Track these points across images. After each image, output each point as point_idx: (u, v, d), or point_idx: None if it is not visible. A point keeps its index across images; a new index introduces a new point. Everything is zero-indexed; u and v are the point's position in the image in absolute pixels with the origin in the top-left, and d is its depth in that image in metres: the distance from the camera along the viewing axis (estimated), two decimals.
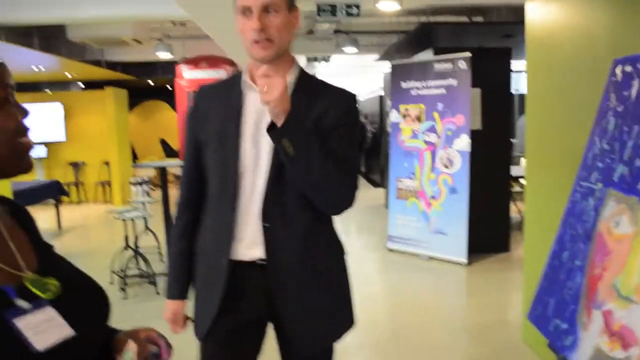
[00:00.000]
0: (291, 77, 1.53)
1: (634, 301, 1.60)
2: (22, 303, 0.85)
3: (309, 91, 1.53)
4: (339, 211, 1.52)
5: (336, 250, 1.63)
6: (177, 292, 1.65)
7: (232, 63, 8.08)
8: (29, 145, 0.94)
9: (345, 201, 1.49)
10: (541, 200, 3.36)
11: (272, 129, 1.39)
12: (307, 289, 1.53)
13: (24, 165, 0.94)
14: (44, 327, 0.84)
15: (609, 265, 1.79)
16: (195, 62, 8.08)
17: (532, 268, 3.32)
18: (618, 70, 2.14)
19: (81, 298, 0.96)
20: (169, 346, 1.05)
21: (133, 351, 0.95)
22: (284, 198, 1.48)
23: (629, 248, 1.71)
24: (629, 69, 2.06)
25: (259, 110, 1.49)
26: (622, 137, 1.96)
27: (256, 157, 1.49)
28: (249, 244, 1.50)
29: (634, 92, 1.97)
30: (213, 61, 8.06)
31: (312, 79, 1.60)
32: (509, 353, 3.42)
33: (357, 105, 1.60)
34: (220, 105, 1.57)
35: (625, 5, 2.56)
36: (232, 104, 1.54)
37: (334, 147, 1.46)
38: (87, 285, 1.01)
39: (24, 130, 0.93)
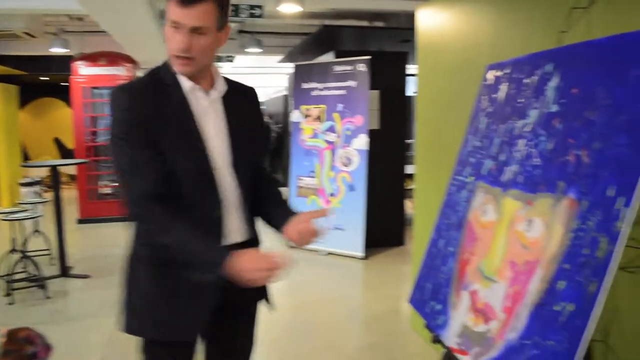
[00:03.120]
0: (221, 87, 1.62)
1: (495, 281, 1.78)
2: None
3: (238, 92, 1.68)
4: None
5: None
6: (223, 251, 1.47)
7: (131, 60, 7.86)
8: None
9: None
10: (427, 195, 3.59)
11: None
12: None
13: None
14: None
15: (476, 250, 1.98)
16: (92, 58, 7.79)
17: (419, 259, 3.53)
18: (490, 75, 2.36)
19: None
20: (47, 346, 1.04)
21: (3, 336, 0.96)
22: (242, 190, 1.65)
23: (493, 234, 1.90)
24: (498, 73, 2.28)
25: (206, 107, 1.58)
26: (490, 135, 2.17)
27: (221, 153, 1.59)
28: (231, 232, 1.63)
29: (501, 94, 2.19)
30: (112, 58, 7.81)
31: (231, 81, 1.69)
32: (399, 339, 3.63)
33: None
34: (163, 106, 1.50)
35: (500, 15, 2.80)
36: (179, 105, 1.52)
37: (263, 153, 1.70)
38: None
39: None
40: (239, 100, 1.67)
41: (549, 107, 1.77)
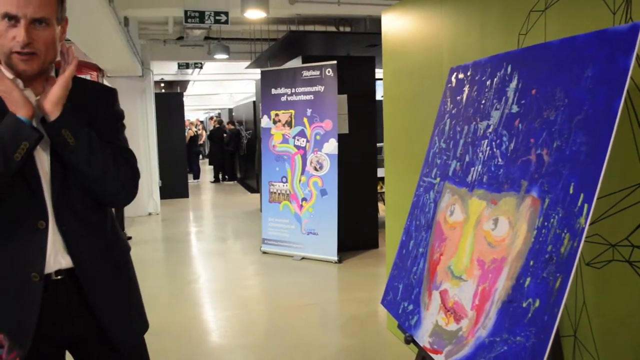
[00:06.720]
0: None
1: (464, 279, 1.81)
2: None
3: (77, 92, 1.47)
4: (125, 202, 1.55)
5: None
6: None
7: (97, 68, 7.75)
8: None
9: (131, 192, 1.52)
10: (398, 198, 3.63)
11: (46, 121, 1.36)
12: None
13: None
14: None
15: (445, 250, 2.01)
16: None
17: (392, 261, 3.57)
18: (453, 78, 2.39)
19: None
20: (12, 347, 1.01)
21: None
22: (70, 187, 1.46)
23: (461, 233, 1.93)
24: (461, 76, 2.32)
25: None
26: (455, 136, 2.20)
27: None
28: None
29: (464, 96, 2.23)
30: (78, 66, 7.67)
31: (75, 80, 1.50)
32: (376, 341, 3.65)
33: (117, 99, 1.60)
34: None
35: (459, 20, 2.86)
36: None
37: (111, 139, 1.48)
38: None
39: None
40: (82, 100, 1.48)
41: (510, 108, 1.81)
